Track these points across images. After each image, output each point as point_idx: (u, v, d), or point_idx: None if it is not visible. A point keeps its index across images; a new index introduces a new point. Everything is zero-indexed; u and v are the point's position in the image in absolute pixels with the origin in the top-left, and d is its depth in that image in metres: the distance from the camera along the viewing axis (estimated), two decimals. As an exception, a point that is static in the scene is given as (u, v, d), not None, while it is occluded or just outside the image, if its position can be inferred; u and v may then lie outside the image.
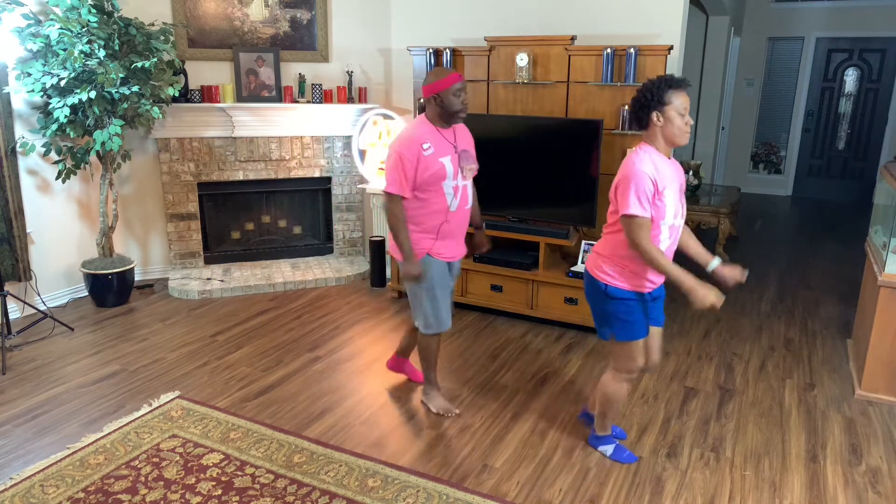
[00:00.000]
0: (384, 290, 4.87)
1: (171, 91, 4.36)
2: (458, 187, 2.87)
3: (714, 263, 2.53)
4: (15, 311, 4.21)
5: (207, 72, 4.81)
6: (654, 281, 2.52)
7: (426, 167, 2.76)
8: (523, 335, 4.09)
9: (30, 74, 3.90)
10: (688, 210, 5.72)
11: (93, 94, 3.90)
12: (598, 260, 2.55)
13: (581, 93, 4.23)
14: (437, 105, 2.78)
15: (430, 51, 4.58)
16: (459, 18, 4.85)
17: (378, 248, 4.88)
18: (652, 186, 2.33)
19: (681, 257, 2.52)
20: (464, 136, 2.95)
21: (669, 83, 2.34)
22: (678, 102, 2.33)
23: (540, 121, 4.22)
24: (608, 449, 2.82)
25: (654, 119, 2.36)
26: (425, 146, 2.76)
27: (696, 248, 2.64)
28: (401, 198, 2.79)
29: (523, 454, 2.84)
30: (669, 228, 2.43)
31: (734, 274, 2.52)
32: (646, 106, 2.36)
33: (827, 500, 2.58)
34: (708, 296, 2.36)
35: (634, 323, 2.52)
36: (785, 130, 8.60)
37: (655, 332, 2.67)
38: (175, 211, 4.95)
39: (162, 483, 2.60)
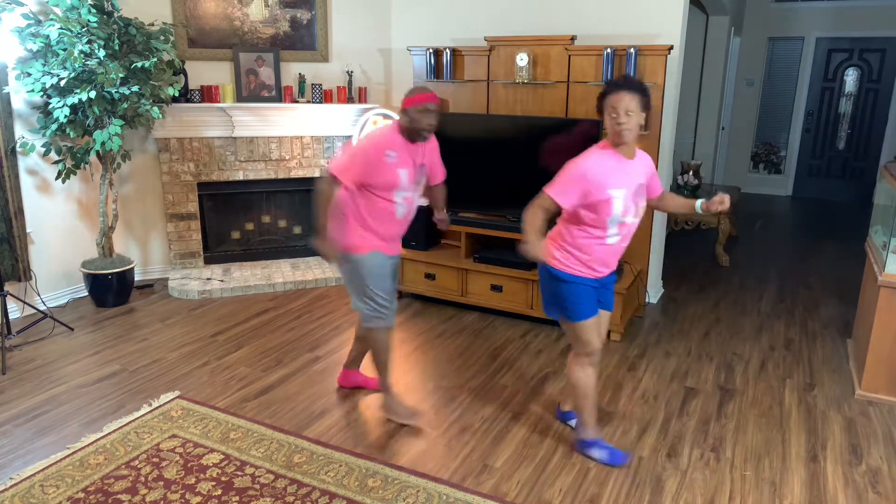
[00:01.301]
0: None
1: (171, 91, 4.36)
2: (409, 199, 2.93)
3: (699, 204, 2.76)
4: (15, 311, 4.21)
5: (207, 72, 4.81)
6: (601, 270, 2.66)
7: (383, 173, 2.80)
8: (523, 335, 4.09)
9: (30, 74, 3.90)
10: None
11: (93, 94, 3.90)
12: (549, 245, 2.68)
13: (581, 93, 4.23)
14: (407, 118, 2.81)
15: (430, 51, 4.58)
16: (459, 18, 4.85)
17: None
18: (585, 185, 2.46)
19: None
20: (431, 151, 3.01)
21: (608, 85, 2.50)
22: (608, 102, 2.48)
23: (540, 121, 4.22)
24: (602, 455, 2.78)
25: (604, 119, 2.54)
26: (389, 154, 2.80)
27: (680, 202, 2.83)
28: (338, 183, 2.80)
29: (523, 454, 2.84)
30: (619, 226, 2.55)
31: (718, 200, 2.66)
32: (598, 109, 2.57)
33: (827, 500, 2.58)
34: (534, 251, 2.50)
35: (581, 304, 2.65)
36: (785, 130, 8.60)
37: (604, 315, 2.79)
38: (175, 211, 4.95)
39: (162, 483, 2.60)
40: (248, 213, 5.32)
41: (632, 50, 3.94)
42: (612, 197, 2.47)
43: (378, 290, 2.94)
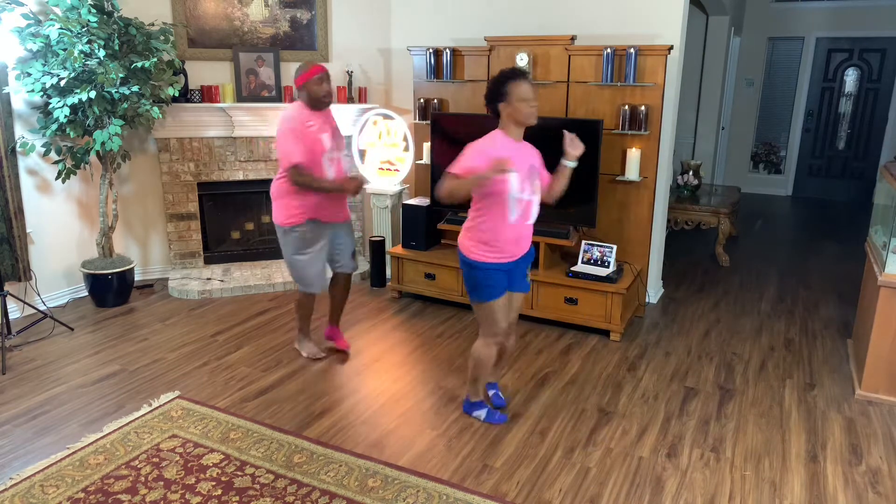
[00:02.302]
0: (384, 290, 4.87)
1: (171, 91, 4.36)
2: (334, 160, 3.38)
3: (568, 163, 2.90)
4: (15, 311, 4.21)
5: (207, 72, 4.81)
6: (510, 251, 2.83)
7: (312, 141, 3.25)
8: (523, 335, 4.09)
9: (30, 74, 3.90)
10: (688, 210, 5.75)
11: (93, 94, 3.90)
12: (464, 236, 2.88)
13: (581, 93, 4.23)
14: (305, 92, 3.26)
15: (430, 51, 4.58)
16: (459, 18, 4.85)
17: (378, 247, 4.89)
18: (482, 163, 2.64)
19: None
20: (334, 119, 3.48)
21: (506, 77, 2.70)
22: (520, 91, 2.67)
23: (540, 121, 4.20)
24: (482, 413, 3.08)
25: (502, 109, 2.73)
26: (310, 123, 3.26)
27: (557, 178, 2.94)
28: (302, 165, 3.24)
29: (523, 454, 2.84)
30: (517, 202, 2.76)
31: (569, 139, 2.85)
32: (493, 100, 2.74)
33: (827, 500, 2.58)
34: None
35: (488, 287, 2.84)
36: (785, 130, 8.60)
37: (517, 296, 3.01)
38: (175, 211, 4.95)
39: (162, 483, 2.60)
40: (248, 213, 5.32)
41: (632, 50, 3.94)
42: (509, 176, 2.70)
43: (304, 259, 3.47)
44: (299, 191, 3.30)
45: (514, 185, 2.73)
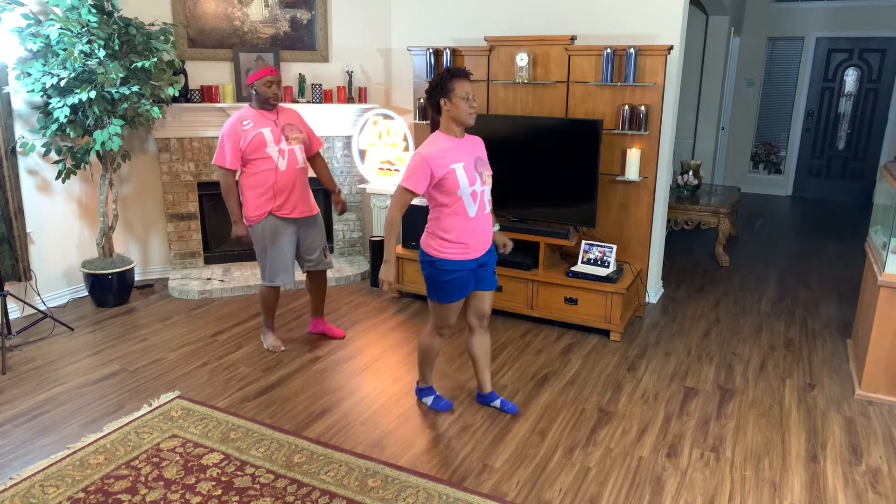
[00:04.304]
0: (384, 290, 4.87)
1: (171, 91, 4.36)
2: (283, 151, 3.51)
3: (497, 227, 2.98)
4: (15, 311, 4.21)
5: (207, 72, 4.81)
6: (475, 247, 2.86)
7: (245, 138, 3.42)
8: (523, 335, 4.09)
9: (30, 74, 3.90)
10: (688, 210, 5.74)
11: (93, 94, 3.90)
12: (426, 236, 2.93)
13: (581, 93, 4.23)
14: (255, 91, 3.48)
15: (430, 51, 4.58)
16: (459, 18, 4.85)
17: (378, 247, 4.88)
18: (428, 168, 2.71)
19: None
20: (289, 116, 3.60)
21: (452, 74, 2.74)
22: (460, 90, 2.71)
23: (540, 121, 4.22)
24: (429, 400, 3.22)
25: (443, 105, 2.75)
26: (245, 122, 3.44)
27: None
28: (230, 171, 3.47)
29: (523, 454, 2.84)
30: (471, 195, 2.80)
31: (501, 244, 3.08)
32: (436, 94, 2.76)
33: (827, 500, 2.58)
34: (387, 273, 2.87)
35: (450, 289, 2.87)
36: (785, 130, 8.60)
37: (486, 295, 3.03)
38: (175, 211, 4.95)
39: (162, 483, 2.60)
40: (248, 213, 5.31)
41: (632, 50, 3.94)
42: (457, 173, 2.74)
43: (269, 252, 3.57)
44: (254, 186, 3.50)
45: (462, 179, 2.75)
